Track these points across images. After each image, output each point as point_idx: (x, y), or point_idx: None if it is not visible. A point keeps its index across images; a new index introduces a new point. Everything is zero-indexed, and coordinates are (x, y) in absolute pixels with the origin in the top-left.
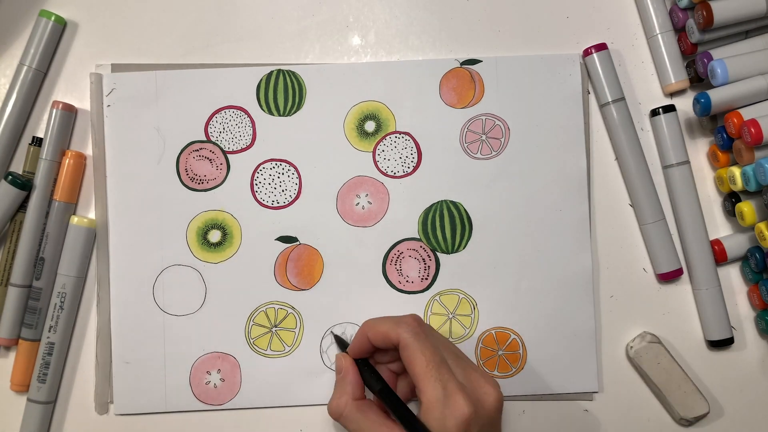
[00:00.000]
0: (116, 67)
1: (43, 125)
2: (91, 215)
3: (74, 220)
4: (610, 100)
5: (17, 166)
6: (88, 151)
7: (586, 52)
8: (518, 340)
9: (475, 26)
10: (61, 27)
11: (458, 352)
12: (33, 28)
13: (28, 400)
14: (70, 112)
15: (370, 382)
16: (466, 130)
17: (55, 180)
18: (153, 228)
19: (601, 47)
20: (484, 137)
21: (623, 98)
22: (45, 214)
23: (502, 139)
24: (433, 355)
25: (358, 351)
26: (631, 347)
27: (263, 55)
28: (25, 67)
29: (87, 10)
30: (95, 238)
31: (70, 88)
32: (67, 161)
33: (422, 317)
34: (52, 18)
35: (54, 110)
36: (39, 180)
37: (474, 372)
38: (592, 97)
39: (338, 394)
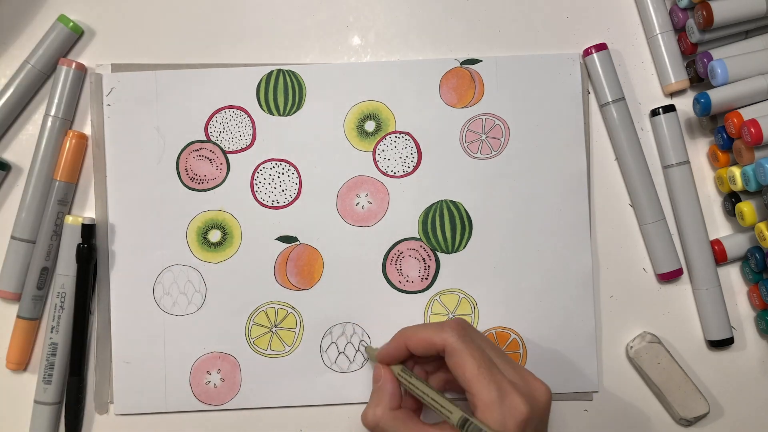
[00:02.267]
0: (116, 67)
1: (36, 129)
2: (91, 215)
3: (69, 219)
4: (610, 100)
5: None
6: (88, 152)
7: (586, 52)
8: (518, 339)
9: (475, 26)
10: (76, 36)
11: (502, 352)
12: (47, 32)
13: (35, 402)
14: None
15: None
16: (466, 129)
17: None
18: (153, 228)
19: (601, 47)
20: (484, 137)
21: (623, 98)
22: (46, 193)
23: (502, 139)
24: (482, 358)
25: (391, 359)
26: (631, 347)
27: (263, 55)
28: (29, 66)
29: (87, 10)
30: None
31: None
32: (68, 141)
33: (422, 317)
34: (70, 25)
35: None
36: (39, 158)
37: (522, 370)
38: (592, 97)
39: (374, 403)
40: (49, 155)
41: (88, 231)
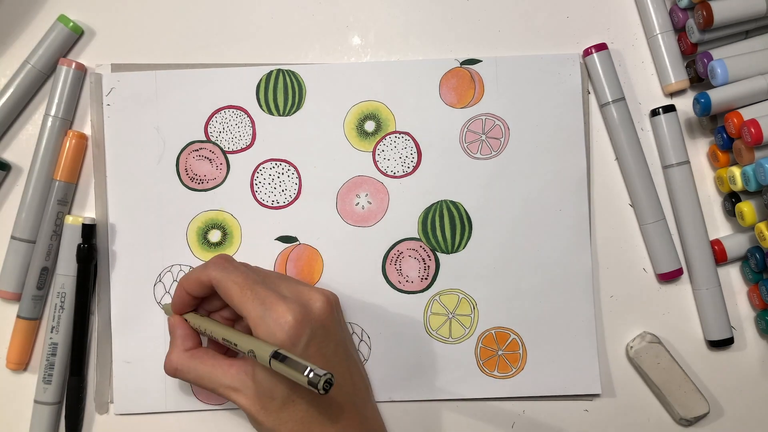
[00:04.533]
0: (116, 67)
1: (36, 129)
2: (91, 215)
3: (69, 219)
4: (610, 100)
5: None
6: (88, 152)
7: (586, 52)
8: (518, 340)
9: (475, 26)
10: (76, 36)
11: (282, 275)
12: (47, 32)
13: (35, 402)
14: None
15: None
16: (465, 130)
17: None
18: (153, 228)
19: (601, 47)
20: (484, 137)
21: (623, 98)
22: (46, 193)
23: (502, 139)
24: (245, 280)
25: (181, 307)
26: (631, 347)
27: (263, 55)
28: (28, 66)
29: (87, 10)
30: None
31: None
32: (68, 141)
33: (422, 317)
34: (70, 25)
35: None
36: (39, 158)
37: (301, 286)
38: (592, 97)
39: (169, 352)
40: (49, 155)
41: (89, 231)
